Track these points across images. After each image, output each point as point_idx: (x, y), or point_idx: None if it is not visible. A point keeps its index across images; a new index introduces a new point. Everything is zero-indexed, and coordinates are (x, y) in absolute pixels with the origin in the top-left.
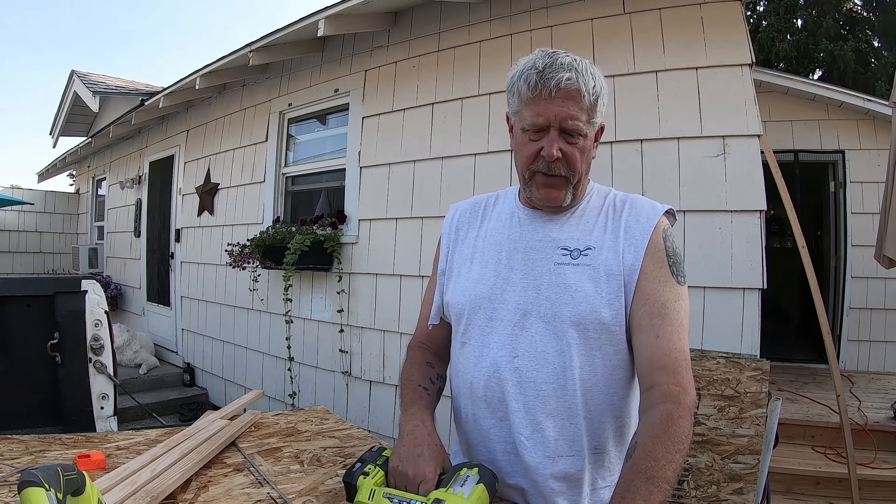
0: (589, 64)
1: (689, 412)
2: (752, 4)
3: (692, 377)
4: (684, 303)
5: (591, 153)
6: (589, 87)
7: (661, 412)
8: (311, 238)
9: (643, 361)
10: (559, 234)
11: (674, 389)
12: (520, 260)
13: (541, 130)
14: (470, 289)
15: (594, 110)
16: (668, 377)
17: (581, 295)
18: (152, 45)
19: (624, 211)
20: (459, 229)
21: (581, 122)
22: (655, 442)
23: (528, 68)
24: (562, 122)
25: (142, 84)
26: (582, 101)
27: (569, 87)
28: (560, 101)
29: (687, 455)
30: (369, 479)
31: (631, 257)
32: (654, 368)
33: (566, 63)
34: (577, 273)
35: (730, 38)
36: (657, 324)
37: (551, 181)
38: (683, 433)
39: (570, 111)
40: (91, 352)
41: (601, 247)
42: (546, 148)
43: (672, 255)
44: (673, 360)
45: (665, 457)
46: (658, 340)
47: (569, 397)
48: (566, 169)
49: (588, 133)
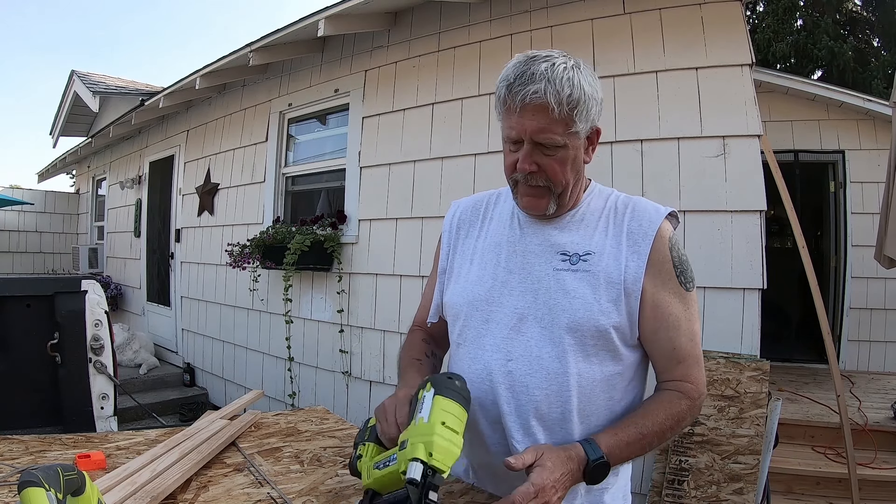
0: (570, 68)
1: (695, 405)
2: (752, 5)
3: (704, 376)
4: (693, 309)
5: (579, 160)
6: (562, 96)
7: (671, 393)
8: (311, 238)
9: (660, 368)
10: (559, 239)
11: (686, 386)
12: (518, 263)
13: (517, 142)
14: (468, 290)
15: (571, 120)
16: (683, 377)
17: (579, 301)
18: (152, 45)
19: (626, 215)
20: (461, 228)
21: (556, 134)
22: (658, 408)
23: (501, 80)
24: (532, 135)
25: (142, 84)
26: (552, 113)
27: (535, 101)
28: (530, 114)
29: (674, 435)
30: (365, 459)
31: (634, 265)
32: (670, 374)
33: (538, 73)
34: (576, 279)
35: (730, 38)
36: (672, 336)
37: (531, 191)
38: (681, 414)
39: (540, 124)
40: (91, 352)
41: (602, 252)
42: (519, 162)
43: (679, 265)
44: (687, 366)
45: (660, 423)
46: (675, 352)
47: (562, 403)
48: (545, 180)
49: (568, 142)
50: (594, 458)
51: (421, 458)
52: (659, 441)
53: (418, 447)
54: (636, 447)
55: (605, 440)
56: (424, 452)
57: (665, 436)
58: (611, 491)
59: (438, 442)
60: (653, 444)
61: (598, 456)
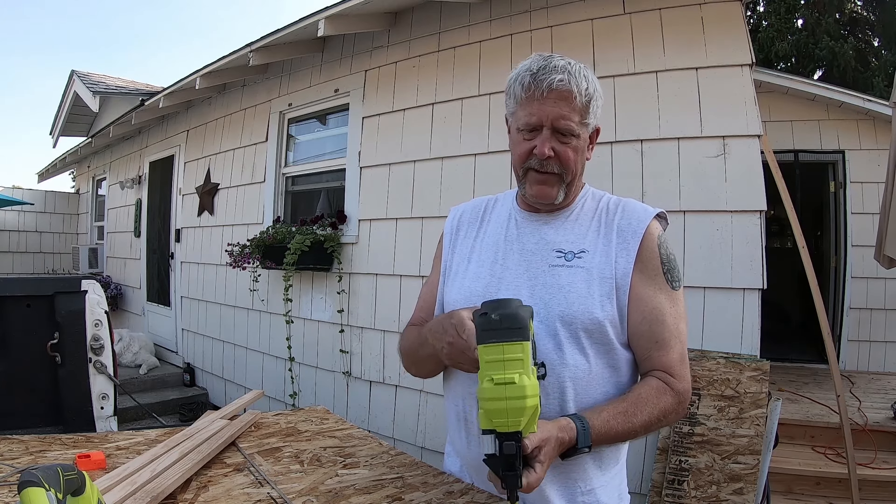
0: (584, 67)
1: (680, 401)
2: (753, 4)
3: (689, 374)
4: (680, 307)
5: (584, 154)
6: (581, 88)
7: (657, 382)
8: (311, 238)
9: (643, 363)
10: (554, 237)
11: (670, 379)
12: (515, 260)
13: (534, 130)
14: (466, 286)
15: (587, 111)
16: (667, 368)
17: (574, 295)
18: (152, 45)
19: (616, 214)
20: (460, 230)
21: (573, 123)
22: (647, 399)
23: (523, 71)
24: (554, 121)
25: (142, 84)
26: (574, 101)
27: (560, 88)
28: (552, 101)
29: (657, 426)
30: None
31: (623, 262)
32: (652, 364)
33: (560, 66)
34: (571, 274)
35: (730, 38)
36: (656, 330)
37: (544, 178)
38: (666, 410)
39: (561, 111)
40: (91, 352)
41: (594, 250)
42: (538, 146)
43: (666, 262)
44: (670, 359)
45: (646, 412)
46: (658, 345)
47: (557, 396)
48: (559, 167)
49: (581, 134)
50: (582, 446)
51: (484, 428)
52: (645, 431)
53: (481, 417)
54: (620, 436)
55: (598, 429)
56: (487, 421)
57: (651, 426)
58: (607, 489)
59: (489, 407)
60: (638, 433)
61: (587, 445)
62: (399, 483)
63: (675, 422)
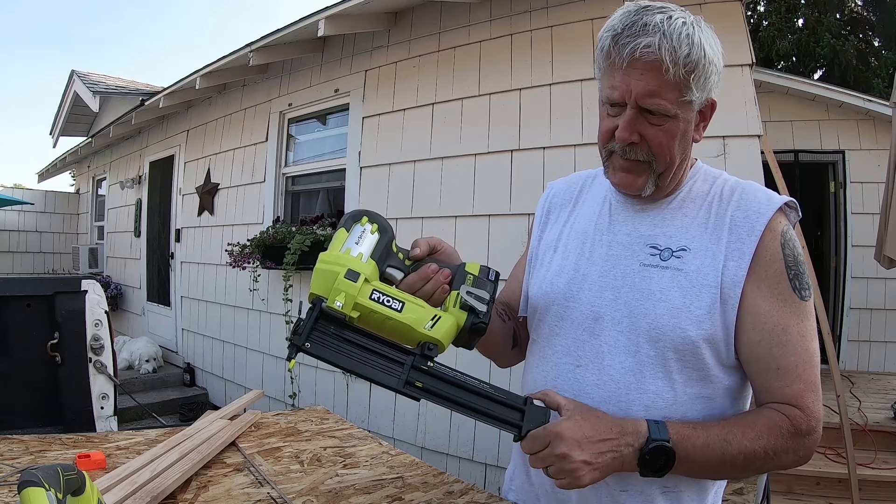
0: (690, 24)
1: (802, 438)
2: (753, 4)
3: (820, 408)
4: (810, 323)
5: (689, 136)
6: (678, 55)
7: (775, 413)
8: (311, 238)
9: (760, 395)
10: (650, 229)
11: (792, 411)
12: (603, 254)
13: (617, 105)
14: (548, 281)
15: (686, 85)
16: (788, 400)
17: (665, 305)
18: (152, 44)
19: (731, 204)
20: (551, 212)
21: (666, 101)
22: (756, 423)
23: (606, 30)
24: (639, 98)
25: (142, 84)
26: (666, 74)
27: (646, 57)
28: (638, 73)
29: (767, 466)
30: None
31: (734, 266)
32: (771, 397)
33: (651, 24)
34: (665, 278)
35: (730, 37)
36: (777, 354)
37: (628, 165)
38: (782, 444)
39: (649, 86)
40: (91, 352)
41: (698, 248)
42: (619, 130)
43: (793, 266)
44: (797, 391)
45: (753, 438)
46: (779, 373)
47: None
48: (647, 154)
49: (679, 113)
50: (656, 438)
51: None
52: (745, 462)
53: None
54: (714, 455)
55: (677, 427)
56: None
57: (756, 459)
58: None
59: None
60: (737, 462)
61: (663, 438)
62: (399, 483)
63: (794, 466)
